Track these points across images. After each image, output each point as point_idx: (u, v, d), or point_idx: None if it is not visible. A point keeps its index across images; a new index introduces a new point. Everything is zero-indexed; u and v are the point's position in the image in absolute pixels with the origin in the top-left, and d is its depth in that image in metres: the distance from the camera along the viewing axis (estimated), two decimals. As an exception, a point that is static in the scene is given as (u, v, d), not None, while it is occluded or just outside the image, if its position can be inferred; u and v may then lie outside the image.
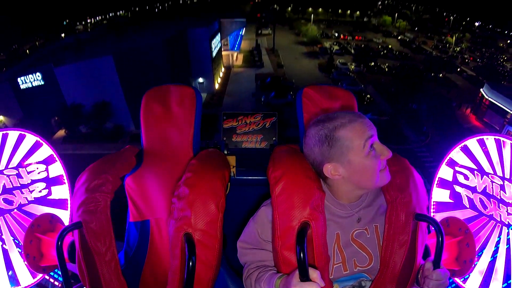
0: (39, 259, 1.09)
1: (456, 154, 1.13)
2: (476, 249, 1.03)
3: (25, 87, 17.40)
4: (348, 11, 63.18)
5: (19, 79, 17.21)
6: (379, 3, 66.50)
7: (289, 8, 63.02)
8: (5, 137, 1.16)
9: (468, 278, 1.08)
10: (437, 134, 17.84)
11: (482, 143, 1.06)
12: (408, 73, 23.21)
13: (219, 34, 25.60)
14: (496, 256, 1.03)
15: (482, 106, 20.07)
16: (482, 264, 1.06)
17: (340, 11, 63.46)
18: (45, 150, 1.20)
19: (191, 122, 1.15)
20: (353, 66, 30.32)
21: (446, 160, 1.16)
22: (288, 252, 0.86)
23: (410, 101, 20.98)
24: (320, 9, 61.70)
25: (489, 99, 19.32)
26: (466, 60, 35.50)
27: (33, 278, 1.16)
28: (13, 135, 1.17)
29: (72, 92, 17.56)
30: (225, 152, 1.33)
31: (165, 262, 1.13)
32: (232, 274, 1.23)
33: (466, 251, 1.03)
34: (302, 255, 0.74)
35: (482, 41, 45.28)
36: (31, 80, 17.48)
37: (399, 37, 46.41)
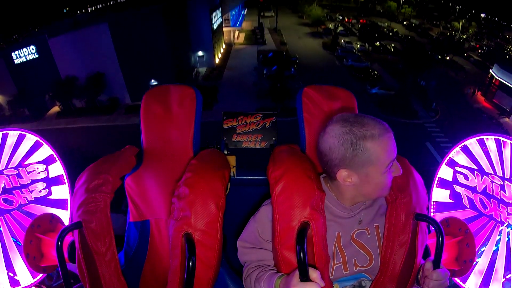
0: (39, 259, 1.09)
1: (456, 154, 1.13)
2: (476, 249, 1.03)
3: (19, 62, 16.89)
4: (353, -3, 61.99)
5: (13, 54, 16.70)
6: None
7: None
8: (5, 137, 1.16)
9: (468, 278, 1.08)
10: (447, 112, 17.73)
11: (482, 143, 1.06)
12: (415, 53, 22.56)
13: (220, 9, 24.94)
14: (496, 256, 1.03)
15: (492, 87, 19.78)
16: (482, 264, 1.06)
17: (344, -4, 62.23)
18: (45, 150, 1.20)
19: (191, 122, 1.15)
20: (358, 45, 29.70)
21: (446, 160, 1.16)
22: (288, 252, 0.86)
23: (418, 78, 20.67)
24: (323, -6, 60.96)
25: (499, 79, 19.03)
26: (473, 46, 34.56)
27: (33, 278, 1.16)
28: (13, 135, 1.17)
29: (67, 65, 17.14)
30: (225, 152, 1.33)
31: (165, 262, 1.13)
32: (232, 274, 1.23)
33: (466, 251, 1.03)
34: (302, 255, 0.74)
35: (488, 31, 44.58)
36: (25, 54, 17.00)
37: (404, 23, 45.58)
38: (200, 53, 22.36)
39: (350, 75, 23.22)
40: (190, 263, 0.81)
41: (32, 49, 17.09)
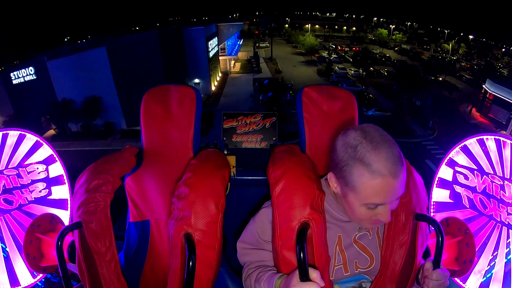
0: (39, 259, 1.09)
1: (456, 154, 1.13)
2: (476, 249, 1.03)
3: (17, 82, 17.00)
4: (345, 27, 64.80)
5: (11, 74, 16.88)
6: (375, 19, 67.95)
7: (287, 25, 64.02)
8: (5, 137, 1.16)
9: (468, 278, 1.08)
10: (444, 129, 17.88)
11: (482, 143, 1.06)
12: (409, 74, 23.30)
13: (216, 38, 25.53)
14: (496, 256, 1.03)
15: (486, 102, 20.01)
16: (482, 264, 1.06)
17: (336, 27, 65.25)
18: (45, 150, 1.21)
19: (191, 122, 1.15)
20: (352, 71, 30.40)
21: (446, 160, 1.16)
22: (288, 252, 0.86)
23: (413, 98, 20.94)
24: (316, 26, 63.08)
25: (493, 93, 19.28)
26: (464, 66, 35.87)
27: (33, 278, 1.16)
28: (13, 135, 1.17)
29: (64, 87, 17.22)
30: (225, 152, 1.33)
31: (165, 262, 1.13)
32: (232, 274, 1.23)
33: (466, 251, 1.03)
34: (302, 255, 0.74)
35: (478, 51, 46.09)
36: (24, 75, 17.11)
37: (395, 48, 47.17)
38: (197, 80, 22.57)
39: None
40: (190, 263, 0.81)
41: (31, 70, 17.19)
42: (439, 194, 1.18)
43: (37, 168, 1.19)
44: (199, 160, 1.04)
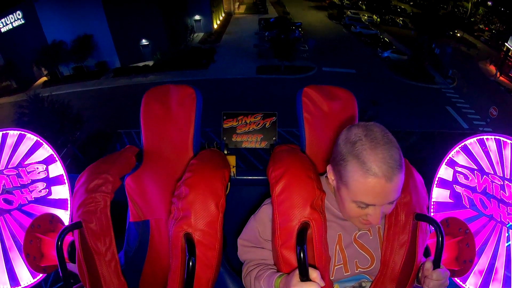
0: (39, 259, 1.09)
1: (456, 154, 1.13)
2: (476, 249, 1.03)
3: (6, 30, 16.34)
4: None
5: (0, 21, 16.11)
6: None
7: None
8: (5, 137, 1.16)
9: (468, 278, 1.08)
10: (463, 81, 17.34)
11: (482, 143, 1.06)
12: (428, 17, 21.98)
13: None
14: (496, 256, 1.03)
15: (508, 61, 19.48)
16: (482, 264, 1.06)
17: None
18: (45, 150, 1.21)
19: (191, 122, 1.15)
20: (366, 16, 28.89)
21: (446, 160, 1.16)
22: (288, 252, 0.86)
23: (433, 44, 20.13)
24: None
25: None
26: (482, 28, 33.77)
27: (33, 278, 1.16)
28: (13, 135, 1.17)
29: (54, 29, 16.49)
30: (225, 152, 1.33)
31: (165, 262, 1.13)
32: (232, 274, 1.23)
33: (466, 251, 1.03)
34: (302, 255, 0.74)
35: (497, 17, 44.13)
36: (12, 21, 16.46)
37: (411, 3, 43.72)
38: (197, 17, 21.26)
39: (359, 41, 22.75)
40: (190, 263, 0.81)
41: (19, 14, 16.47)
42: (439, 194, 1.18)
43: (37, 168, 1.19)
44: (199, 160, 1.04)
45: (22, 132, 1.18)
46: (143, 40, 17.62)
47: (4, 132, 1.17)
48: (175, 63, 17.40)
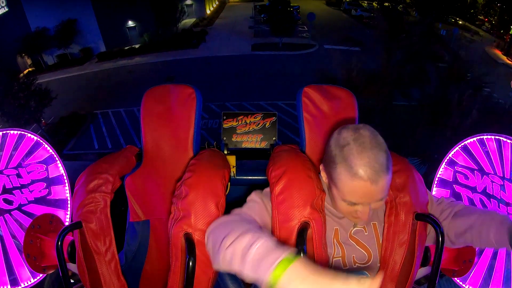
0: (39, 259, 1.09)
1: (456, 154, 1.13)
2: (476, 249, 1.03)
3: None
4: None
5: None
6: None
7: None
8: (5, 137, 1.16)
9: (468, 278, 1.08)
10: (472, 60, 17.54)
11: (482, 143, 1.06)
12: (429, 6, 21.88)
13: None
14: (496, 256, 1.03)
15: None
16: (482, 264, 1.06)
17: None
18: (45, 150, 1.21)
19: (191, 122, 1.15)
20: (365, 3, 28.65)
21: (446, 160, 1.16)
22: None
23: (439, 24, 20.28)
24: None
25: None
26: (482, 19, 33.80)
27: (33, 278, 1.16)
28: (13, 135, 1.17)
29: (38, 16, 16.16)
30: (225, 152, 1.33)
31: (165, 262, 1.13)
32: (232, 274, 1.23)
33: (466, 251, 1.03)
34: (302, 255, 0.74)
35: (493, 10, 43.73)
36: None
37: None
38: (189, 1, 20.72)
39: (361, 23, 22.85)
40: (190, 263, 0.82)
41: (2, 2, 16.06)
42: (439, 194, 1.18)
43: (37, 168, 1.19)
44: (199, 160, 1.04)
45: (22, 132, 1.18)
46: (130, 22, 17.12)
47: (4, 132, 1.17)
48: (163, 45, 16.80)
